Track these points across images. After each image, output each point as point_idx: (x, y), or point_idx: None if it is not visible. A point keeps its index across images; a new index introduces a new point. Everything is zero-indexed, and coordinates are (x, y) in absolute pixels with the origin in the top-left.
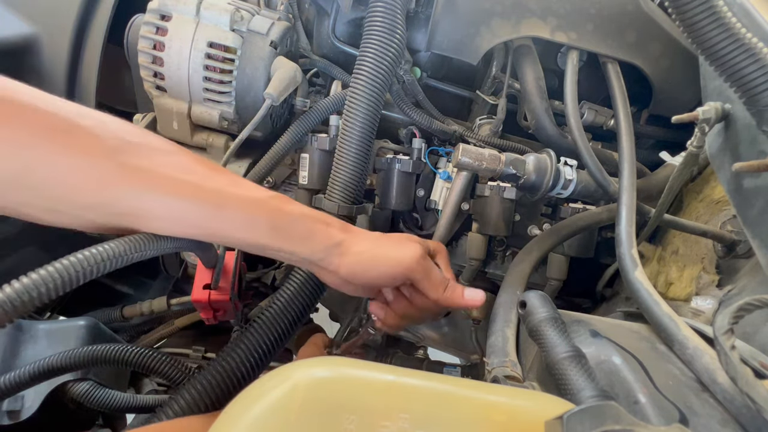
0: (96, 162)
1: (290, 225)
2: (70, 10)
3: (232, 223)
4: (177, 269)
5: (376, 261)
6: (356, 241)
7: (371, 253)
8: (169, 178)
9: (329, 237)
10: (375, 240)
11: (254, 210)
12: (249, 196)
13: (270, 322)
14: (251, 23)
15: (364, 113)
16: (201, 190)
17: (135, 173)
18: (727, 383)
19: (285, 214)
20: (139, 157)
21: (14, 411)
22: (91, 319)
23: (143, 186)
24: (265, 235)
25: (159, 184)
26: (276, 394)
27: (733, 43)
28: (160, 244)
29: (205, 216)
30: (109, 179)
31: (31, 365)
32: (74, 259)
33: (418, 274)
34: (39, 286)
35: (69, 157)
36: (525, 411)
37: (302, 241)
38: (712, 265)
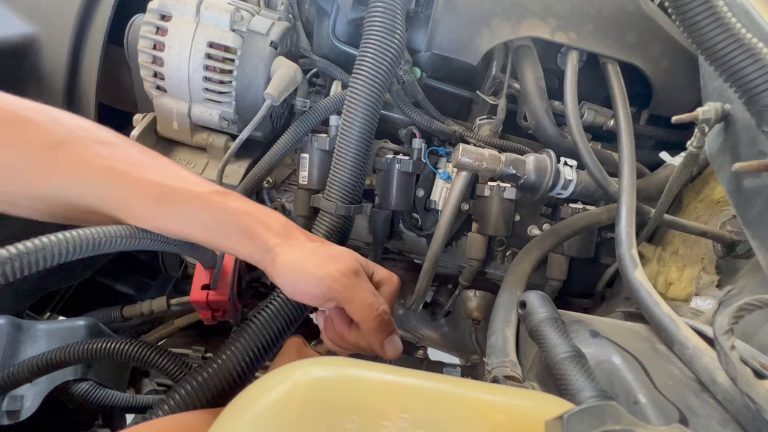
0: (40, 153)
1: (229, 222)
2: (70, 10)
3: (171, 216)
4: (177, 269)
5: (298, 274)
6: (287, 250)
7: (295, 264)
8: (109, 168)
9: (264, 241)
10: (306, 252)
11: (193, 204)
12: (189, 189)
13: (266, 320)
14: (251, 23)
15: (364, 113)
16: (140, 181)
17: (76, 164)
18: (727, 383)
19: (224, 211)
20: (83, 149)
21: (14, 411)
22: (90, 319)
23: (83, 176)
24: (203, 231)
25: (99, 174)
26: (276, 393)
27: (733, 44)
28: (139, 239)
29: (145, 207)
30: (51, 170)
31: (30, 359)
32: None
33: (339, 294)
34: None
35: (15, 148)
36: (525, 411)
37: (241, 240)
38: (711, 266)
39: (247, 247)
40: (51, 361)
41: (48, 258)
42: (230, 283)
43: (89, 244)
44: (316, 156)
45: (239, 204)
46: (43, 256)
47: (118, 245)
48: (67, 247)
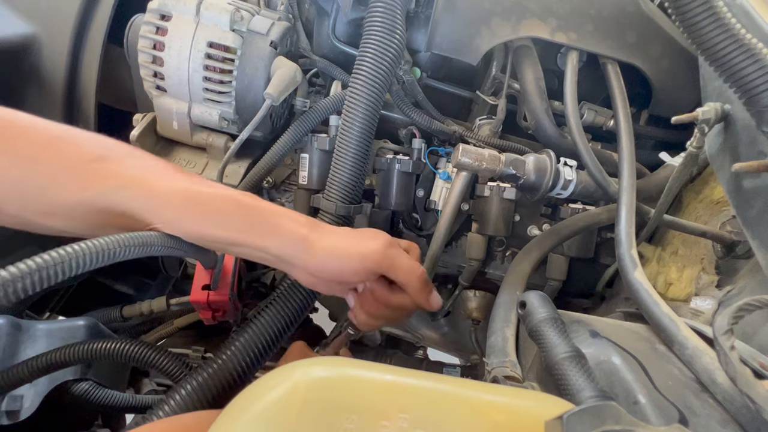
0: (81, 166)
1: (258, 220)
2: (70, 10)
3: (203, 218)
4: (176, 269)
5: (340, 256)
6: (322, 236)
7: (335, 248)
8: (143, 177)
9: (295, 232)
10: (340, 235)
11: (223, 205)
12: (218, 192)
13: (266, 320)
14: (251, 23)
15: (363, 113)
16: (173, 187)
17: (114, 174)
18: (727, 383)
19: (253, 209)
20: (119, 161)
21: (13, 411)
22: (90, 319)
23: (121, 184)
24: (234, 230)
25: (134, 183)
26: (276, 393)
27: (733, 44)
28: (145, 246)
29: (177, 211)
30: (91, 180)
31: (30, 360)
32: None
33: (384, 264)
34: (26, 276)
35: (58, 164)
36: (525, 411)
37: (270, 236)
38: (711, 266)
39: (275, 243)
40: (51, 362)
41: (63, 272)
42: (230, 283)
43: (101, 254)
44: (315, 156)
45: (264, 203)
46: (61, 269)
47: (129, 254)
48: (78, 259)
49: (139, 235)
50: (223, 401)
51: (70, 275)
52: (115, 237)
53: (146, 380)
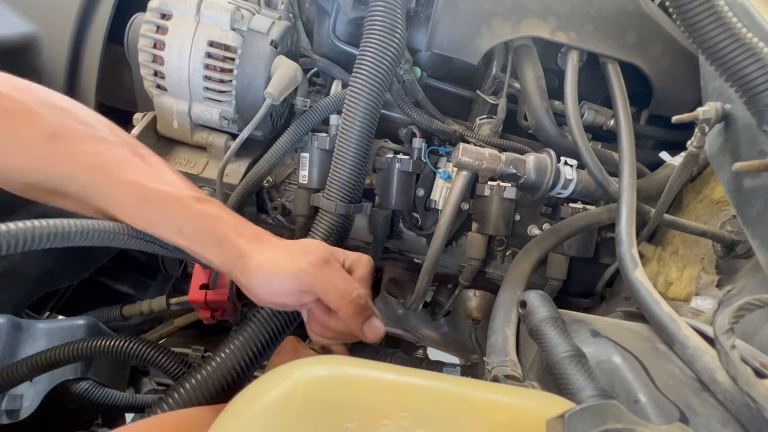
0: (36, 144)
1: (204, 227)
2: (70, 9)
3: (150, 218)
4: (176, 269)
5: (272, 274)
6: (260, 252)
7: (267, 266)
8: (96, 165)
9: (235, 247)
10: (276, 251)
11: (170, 208)
12: (170, 193)
13: (264, 319)
14: (252, 22)
15: (364, 112)
16: (123, 181)
17: (67, 158)
18: (728, 383)
19: (200, 217)
20: (75, 143)
21: (13, 410)
22: (90, 319)
23: (73, 171)
24: (178, 236)
25: (86, 171)
26: (276, 392)
27: (734, 43)
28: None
29: (127, 206)
30: (45, 162)
31: (30, 357)
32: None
33: (315, 286)
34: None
35: (10, 139)
36: (526, 410)
37: (214, 247)
38: (711, 266)
39: (218, 256)
40: (50, 360)
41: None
42: (229, 282)
43: (97, 233)
44: (316, 155)
45: (216, 211)
46: (47, 235)
47: (119, 242)
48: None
49: (101, 223)
50: (222, 399)
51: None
52: (77, 221)
53: (146, 380)
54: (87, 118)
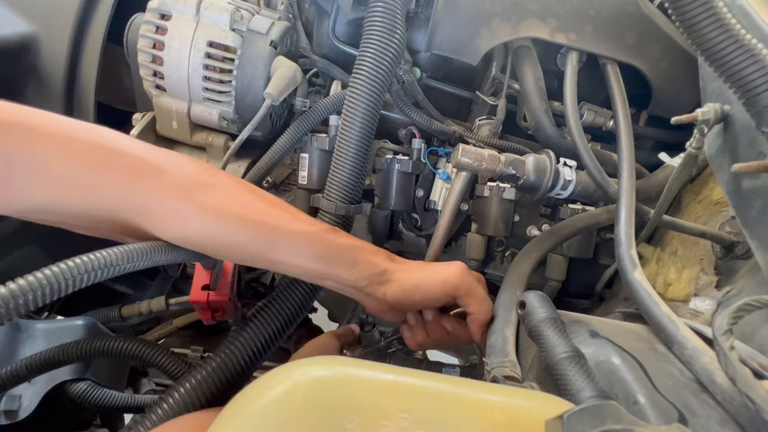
0: (174, 201)
1: (337, 254)
2: (69, 9)
3: (285, 253)
4: (176, 269)
5: (422, 283)
6: (401, 268)
7: (415, 276)
8: (235, 215)
9: (374, 265)
10: (419, 266)
11: (306, 242)
12: (303, 230)
13: (265, 319)
14: (251, 23)
15: (363, 113)
16: (263, 226)
17: (205, 210)
18: (726, 384)
19: (334, 245)
20: (209, 195)
21: (12, 411)
22: (89, 319)
23: (212, 221)
24: (312, 262)
25: (226, 220)
26: (276, 393)
27: (733, 44)
28: (162, 254)
29: (263, 248)
30: (184, 216)
31: (28, 358)
32: (75, 262)
33: (462, 289)
34: (36, 289)
35: (153, 196)
36: (525, 411)
37: (347, 268)
38: (710, 266)
39: (352, 274)
40: (49, 360)
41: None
42: (230, 283)
43: (108, 269)
44: (315, 156)
45: (347, 240)
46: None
47: (134, 266)
48: (85, 275)
49: (143, 246)
50: (222, 400)
51: (74, 289)
52: (121, 249)
53: (145, 380)
54: (202, 168)
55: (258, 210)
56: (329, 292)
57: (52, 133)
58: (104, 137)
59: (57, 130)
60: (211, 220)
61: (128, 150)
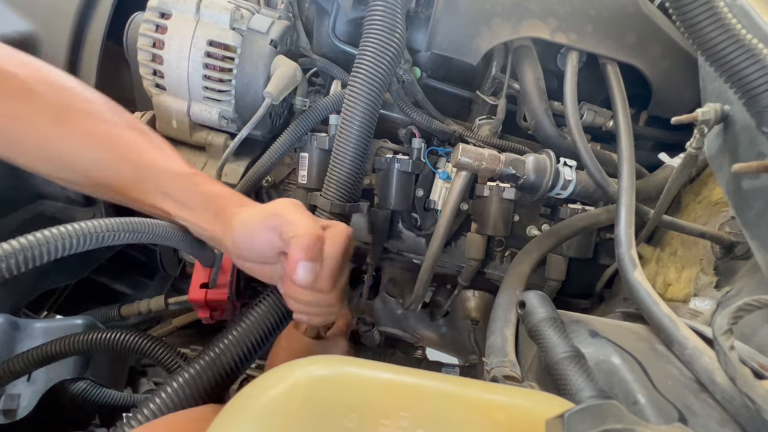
0: (41, 125)
1: (200, 202)
2: (69, 8)
3: (148, 192)
4: (175, 268)
5: (245, 225)
6: (240, 211)
7: (243, 217)
8: (101, 145)
9: (227, 213)
10: (259, 206)
11: (169, 183)
12: (170, 169)
13: (259, 314)
14: (251, 22)
15: (362, 112)
16: (128, 160)
17: (74, 136)
18: (726, 383)
19: (197, 192)
20: (80, 122)
21: (10, 410)
22: (88, 318)
23: (78, 149)
24: (174, 207)
25: (92, 149)
26: (276, 392)
27: (734, 44)
28: (144, 230)
29: (126, 183)
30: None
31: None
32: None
33: (288, 219)
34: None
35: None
36: (525, 410)
37: (209, 218)
38: (710, 267)
39: (213, 225)
40: (47, 354)
41: (48, 253)
42: (229, 282)
43: (88, 237)
44: (315, 155)
45: (212, 187)
46: (46, 251)
47: (118, 239)
48: (65, 241)
49: (129, 220)
50: (213, 396)
51: (56, 256)
52: (105, 221)
53: (144, 380)
54: (91, 97)
55: (127, 142)
56: None
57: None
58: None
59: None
60: (78, 147)
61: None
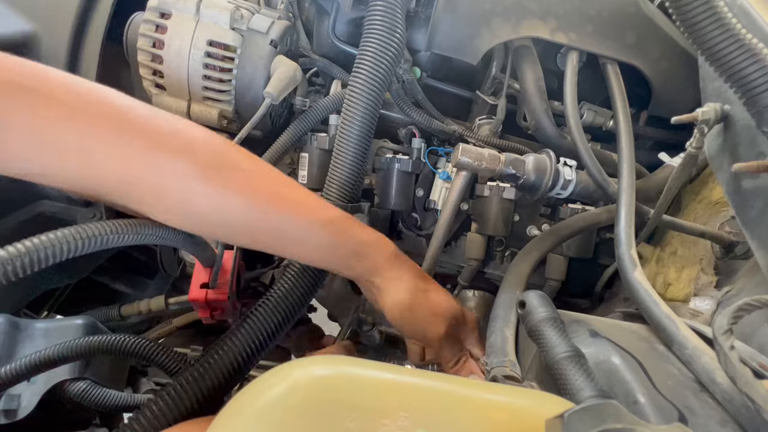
0: (194, 182)
1: (349, 247)
2: (69, 8)
3: (296, 243)
4: (175, 268)
5: (404, 317)
6: (394, 285)
7: (402, 308)
8: (251, 200)
9: (374, 262)
10: (410, 292)
11: (320, 233)
12: (318, 219)
13: (262, 317)
14: (251, 22)
15: (363, 112)
16: (276, 212)
17: (225, 192)
18: (726, 383)
19: (348, 236)
20: (230, 177)
21: (11, 410)
22: (88, 318)
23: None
24: (323, 254)
25: (243, 204)
26: (276, 392)
27: (734, 44)
28: (147, 232)
29: (274, 235)
30: (201, 196)
31: (28, 357)
32: (60, 234)
33: (433, 351)
34: (22, 256)
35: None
36: (525, 410)
37: (354, 262)
38: (710, 266)
39: (357, 269)
40: (49, 358)
41: (53, 255)
42: (229, 281)
43: (93, 240)
44: (315, 155)
45: (360, 231)
46: (51, 253)
47: (122, 240)
48: (69, 244)
49: (132, 222)
50: (215, 400)
51: (61, 259)
52: (107, 223)
53: (144, 380)
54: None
55: (275, 193)
56: (328, 291)
57: (55, 97)
58: (120, 105)
59: (62, 94)
60: (227, 203)
61: (148, 123)
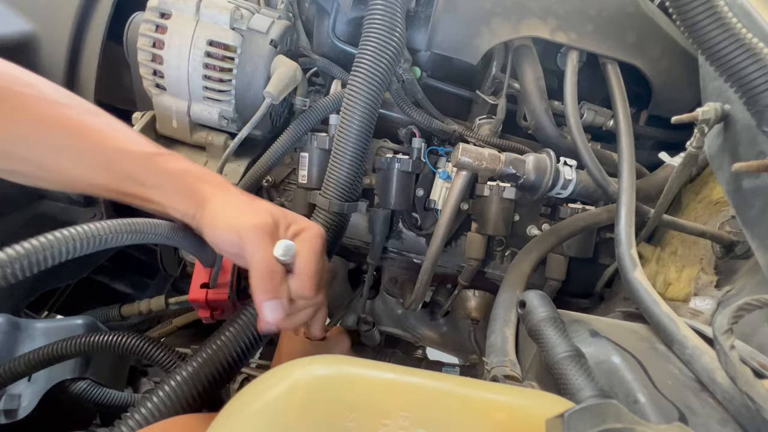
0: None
1: (168, 180)
2: (69, 8)
3: (115, 176)
4: (175, 268)
5: (219, 222)
6: (218, 199)
7: (219, 213)
8: (63, 125)
9: (200, 193)
10: (233, 203)
11: (135, 164)
12: (132, 150)
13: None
14: (251, 22)
15: (362, 111)
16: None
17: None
18: (727, 383)
19: (164, 171)
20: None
21: (11, 410)
22: (89, 318)
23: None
24: (141, 188)
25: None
26: (276, 392)
27: (734, 44)
28: (147, 232)
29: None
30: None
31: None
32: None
33: (247, 248)
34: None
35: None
36: (525, 409)
37: (177, 196)
38: (710, 266)
39: (184, 203)
40: (49, 356)
41: (52, 257)
42: (229, 281)
43: (92, 240)
44: (315, 155)
45: (183, 165)
46: (50, 255)
47: (121, 240)
48: (69, 245)
49: (131, 221)
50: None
51: (60, 260)
52: (107, 223)
53: (144, 379)
54: (32, 81)
55: (86, 127)
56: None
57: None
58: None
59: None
60: (24, 137)
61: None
